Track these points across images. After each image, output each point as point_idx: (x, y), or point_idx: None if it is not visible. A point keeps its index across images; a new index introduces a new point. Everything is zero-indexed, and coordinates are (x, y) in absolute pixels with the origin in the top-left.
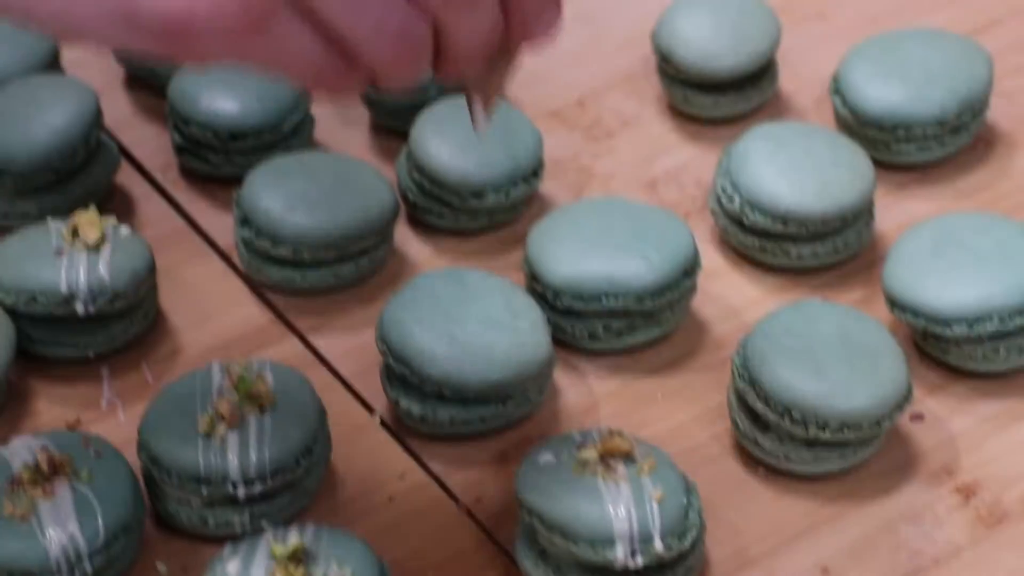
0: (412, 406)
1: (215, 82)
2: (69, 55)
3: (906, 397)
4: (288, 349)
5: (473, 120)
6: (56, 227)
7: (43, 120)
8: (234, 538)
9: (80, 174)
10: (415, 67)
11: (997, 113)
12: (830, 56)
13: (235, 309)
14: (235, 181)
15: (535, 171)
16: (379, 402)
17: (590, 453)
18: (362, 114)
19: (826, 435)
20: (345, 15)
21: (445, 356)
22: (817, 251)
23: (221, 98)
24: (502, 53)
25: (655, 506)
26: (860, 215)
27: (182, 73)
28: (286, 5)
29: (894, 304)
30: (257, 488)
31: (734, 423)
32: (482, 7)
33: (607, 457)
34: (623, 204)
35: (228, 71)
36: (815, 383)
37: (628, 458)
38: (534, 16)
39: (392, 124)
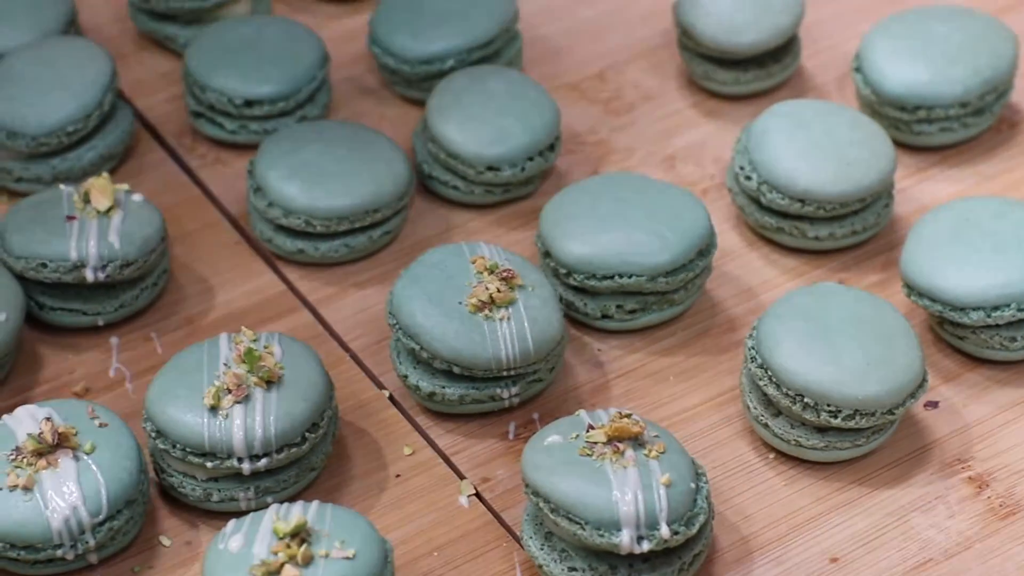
0: (421, 382)
1: (232, 49)
2: (87, 18)
3: (920, 384)
4: (299, 321)
5: None
6: (68, 192)
7: (58, 83)
8: (239, 513)
9: (94, 138)
10: None
11: (1021, 95)
12: (854, 32)
13: (247, 279)
14: (250, 148)
15: (552, 145)
16: (389, 377)
17: (598, 435)
18: (379, 83)
19: (838, 421)
20: None
21: (455, 333)
22: (835, 232)
23: (237, 65)
24: None
25: (663, 491)
26: (879, 197)
27: (199, 39)
28: None
29: (911, 289)
30: (262, 463)
31: (746, 406)
32: None
33: (615, 440)
34: (639, 180)
35: (245, 39)
36: (828, 368)
37: (637, 441)
38: None
39: (409, 94)
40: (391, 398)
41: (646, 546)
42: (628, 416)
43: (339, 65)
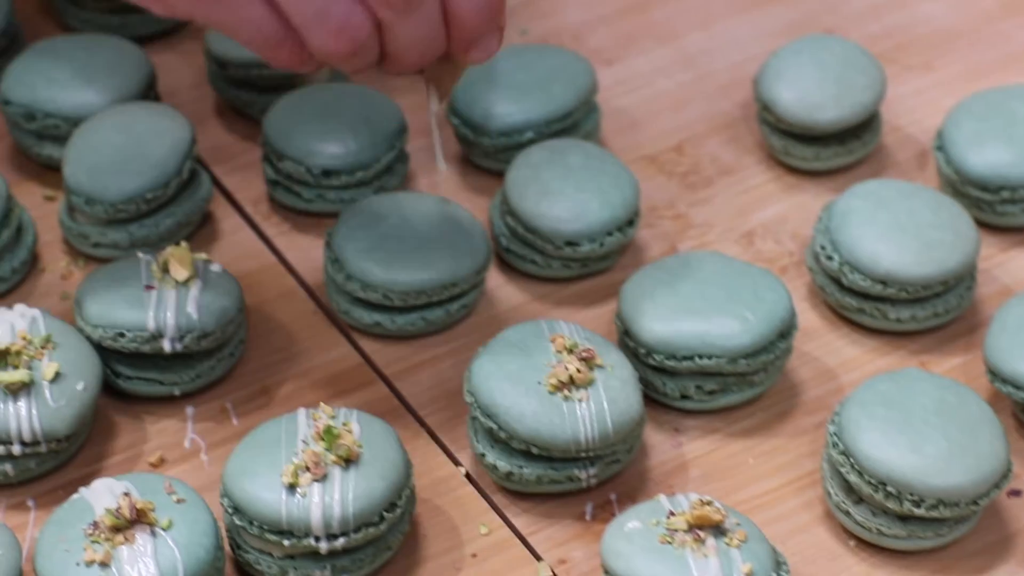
0: (498, 461)
1: (310, 118)
2: (166, 83)
3: (1005, 475)
4: (375, 394)
5: (428, 106)
6: (146, 260)
7: (137, 150)
8: None
9: (172, 205)
10: (357, 59)
11: None
12: (936, 109)
13: (323, 351)
14: (328, 217)
15: (631, 220)
16: (465, 453)
17: (679, 522)
18: (458, 154)
19: (921, 511)
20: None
21: (534, 413)
22: (916, 315)
23: (315, 134)
24: (449, 59)
25: None
26: (962, 279)
27: (277, 107)
28: None
29: (995, 375)
30: (340, 543)
31: (827, 492)
32: (422, 19)
33: (696, 527)
34: (720, 260)
35: (323, 108)
36: (911, 457)
37: (718, 529)
38: (474, 38)
39: (488, 165)
40: (467, 475)
41: None
42: (710, 503)
43: (417, 135)
